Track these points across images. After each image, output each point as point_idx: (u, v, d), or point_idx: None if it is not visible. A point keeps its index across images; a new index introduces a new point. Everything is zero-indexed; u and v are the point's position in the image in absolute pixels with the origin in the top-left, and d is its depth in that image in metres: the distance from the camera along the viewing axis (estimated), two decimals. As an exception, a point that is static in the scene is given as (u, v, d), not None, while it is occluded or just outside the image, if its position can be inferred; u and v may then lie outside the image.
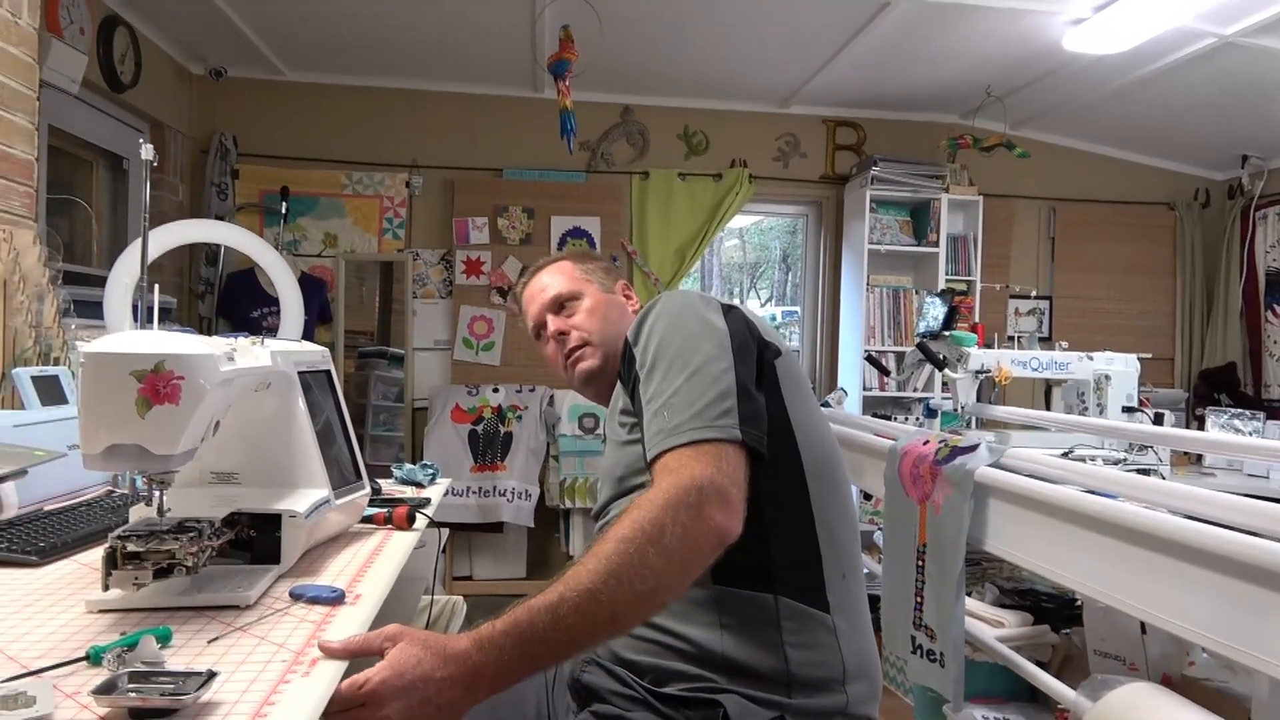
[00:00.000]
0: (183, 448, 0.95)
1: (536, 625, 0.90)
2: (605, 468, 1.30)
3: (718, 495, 0.99)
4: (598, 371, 1.42)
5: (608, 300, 1.47)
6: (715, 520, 0.98)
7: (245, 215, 4.13)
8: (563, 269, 1.50)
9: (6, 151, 2.01)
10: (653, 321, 1.19)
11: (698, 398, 1.07)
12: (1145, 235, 4.78)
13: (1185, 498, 1.55)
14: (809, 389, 1.26)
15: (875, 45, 3.57)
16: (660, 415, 1.08)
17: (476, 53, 3.86)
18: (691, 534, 0.96)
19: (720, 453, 1.03)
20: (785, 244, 10.14)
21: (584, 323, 1.44)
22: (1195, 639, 1.43)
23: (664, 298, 1.24)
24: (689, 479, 0.99)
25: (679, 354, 1.12)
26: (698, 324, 1.16)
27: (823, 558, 1.15)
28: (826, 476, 1.19)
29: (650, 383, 1.13)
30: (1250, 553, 1.23)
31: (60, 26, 2.88)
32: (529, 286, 1.52)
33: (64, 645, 0.88)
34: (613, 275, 1.53)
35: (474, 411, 4.20)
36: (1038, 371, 2.88)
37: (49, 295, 2.07)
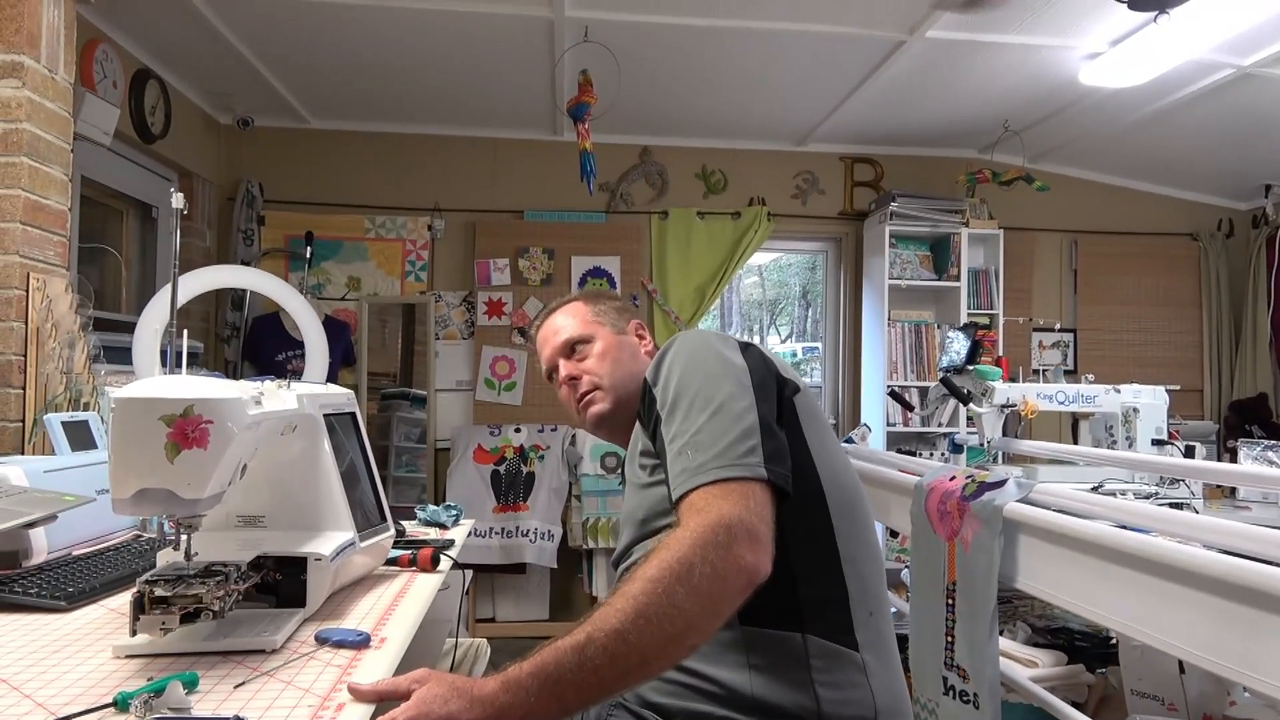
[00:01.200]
0: (211, 491, 0.96)
1: (564, 667, 0.89)
2: (627, 511, 1.29)
3: (747, 534, 0.98)
4: (609, 415, 1.42)
5: (619, 343, 1.47)
6: (745, 559, 0.96)
7: (270, 260, 4.19)
8: (575, 310, 1.50)
9: (42, 203, 2.06)
10: (671, 361, 1.19)
11: (721, 436, 1.07)
12: (1169, 266, 4.75)
13: (1221, 532, 1.52)
14: (828, 425, 1.25)
15: (891, 83, 3.59)
16: (684, 454, 1.08)
17: (497, 98, 3.93)
18: (721, 573, 0.95)
19: (747, 491, 1.02)
20: (804, 280, 10.16)
21: (595, 367, 1.44)
22: (1236, 678, 1.39)
23: (681, 337, 1.24)
24: (717, 517, 0.98)
25: (700, 392, 1.12)
26: (716, 362, 1.16)
27: (850, 595, 1.14)
28: (851, 513, 1.18)
29: (672, 422, 1.13)
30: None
31: (94, 80, 2.96)
32: (542, 329, 1.53)
33: (92, 691, 0.89)
34: (625, 316, 1.53)
35: (496, 452, 4.20)
36: (1064, 405, 2.85)
37: (80, 342, 2.10)
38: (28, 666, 0.95)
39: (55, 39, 2.10)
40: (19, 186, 1.98)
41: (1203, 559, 1.41)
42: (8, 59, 1.98)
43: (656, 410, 1.17)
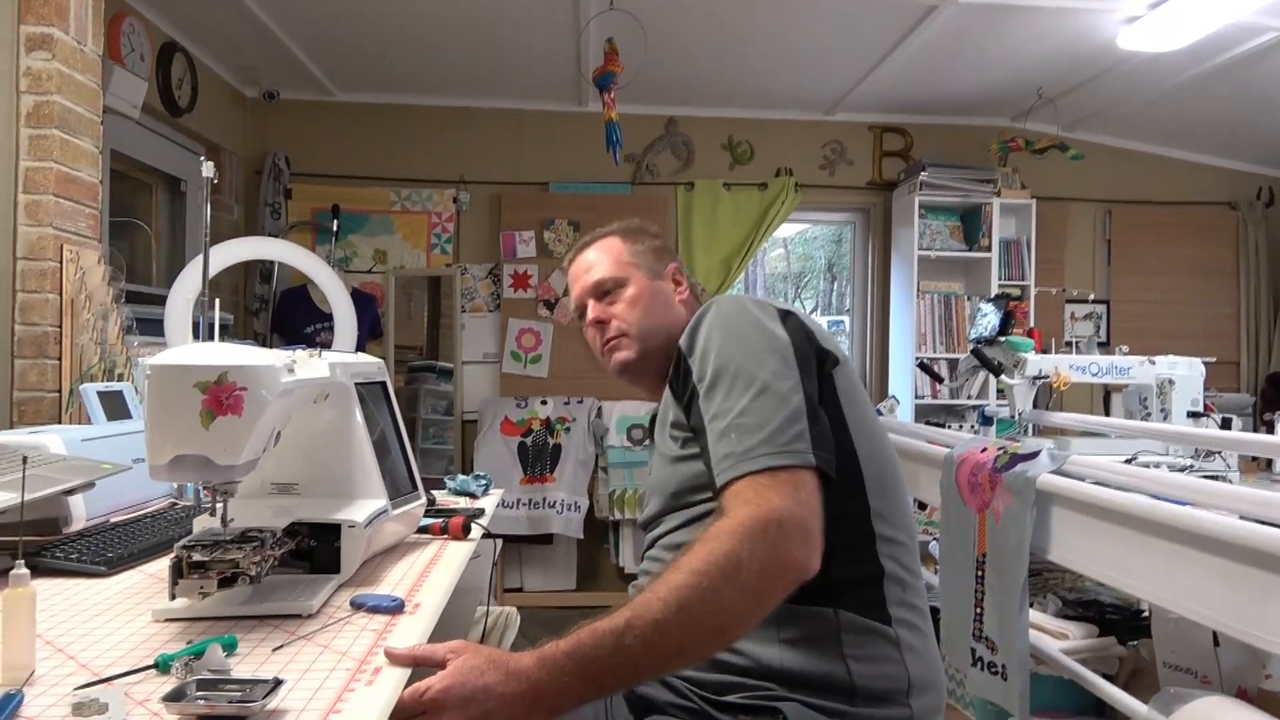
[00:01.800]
0: (245, 458, 0.96)
1: (601, 650, 0.89)
2: (656, 481, 1.25)
3: (799, 529, 0.95)
4: (633, 364, 1.36)
5: (652, 290, 1.39)
6: (795, 556, 0.94)
7: (298, 233, 4.21)
8: (611, 248, 1.42)
9: (74, 175, 2.07)
10: (708, 331, 1.14)
11: (768, 419, 1.02)
12: (1206, 236, 4.65)
13: (1261, 503, 1.49)
14: (867, 398, 1.21)
15: (922, 49, 3.52)
16: (727, 437, 1.04)
17: (522, 68, 3.90)
18: (769, 570, 0.93)
19: (797, 480, 0.99)
20: (830, 253, 10.06)
21: (624, 313, 1.36)
22: (1274, 649, 1.38)
23: (716, 304, 1.19)
24: (767, 511, 0.95)
25: (742, 369, 1.07)
26: (757, 334, 1.11)
27: (884, 572, 1.11)
28: (887, 490, 1.15)
29: (712, 400, 1.08)
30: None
31: (121, 54, 2.97)
32: (575, 263, 1.45)
33: (133, 653, 0.90)
34: (664, 258, 1.44)
35: (523, 424, 4.22)
36: (1097, 376, 2.80)
37: (113, 313, 2.12)
38: (71, 629, 0.97)
39: (83, 10, 2.11)
40: (51, 159, 1.99)
41: (1240, 530, 1.39)
42: (38, 31, 1.99)
43: (693, 383, 1.12)
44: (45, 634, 0.94)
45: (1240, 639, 1.41)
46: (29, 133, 1.99)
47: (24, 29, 1.98)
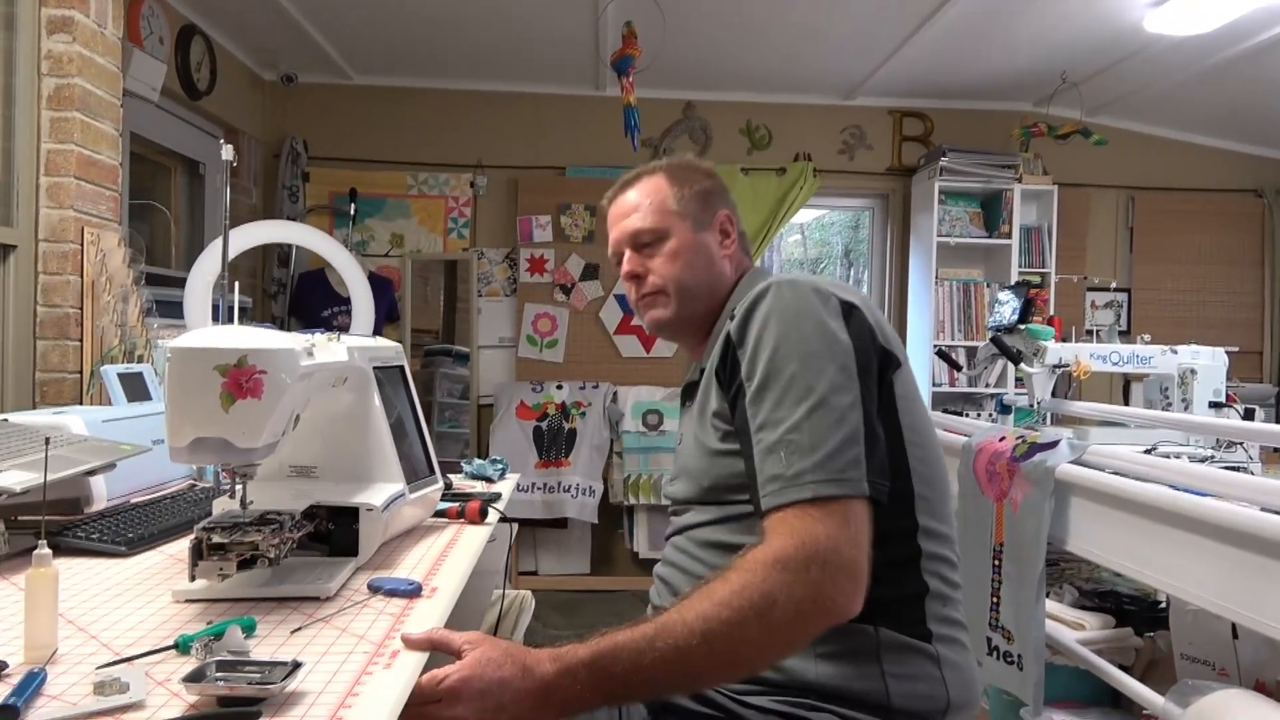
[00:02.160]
0: (265, 441, 0.96)
1: (619, 663, 0.88)
2: (690, 465, 1.17)
3: (845, 569, 0.89)
4: (669, 323, 1.27)
5: (695, 244, 1.26)
6: (836, 600, 0.89)
7: (315, 217, 4.22)
8: (655, 190, 1.28)
9: (95, 158, 2.08)
10: (762, 322, 1.04)
11: (822, 440, 0.94)
12: (1231, 223, 4.58)
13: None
14: (923, 403, 1.13)
15: (944, 33, 3.48)
16: (775, 455, 0.96)
17: (540, 52, 3.88)
18: (805, 611, 0.88)
19: (848, 513, 0.92)
20: (847, 239, 10.00)
21: (662, 268, 1.25)
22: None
23: (775, 291, 1.06)
24: (811, 547, 0.89)
25: (797, 376, 0.98)
26: (817, 336, 1.01)
27: (928, 590, 1.06)
28: (935, 504, 1.09)
29: (760, 405, 1.00)
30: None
31: (141, 36, 2.98)
32: (616, 203, 1.32)
33: (153, 634, 0.91)
34: (713, 205, 1.30)
35: (538, 408, 4.22)
36: (1118, 366, 2.77)
37: (133, 295, 2.14)
38: (92, 609, 0.98)
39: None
40: (72, 141, 2.00)
41: (1262, 522, 1.37)
42: (59, 13, 1.99)
43: (741, 380, 1.04)
44: (67, 613, 0.95)
45: (1260, 631, 1.40)
46: (50, 115, 1.99)
47: (45, 11, 1.99)
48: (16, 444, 1.26)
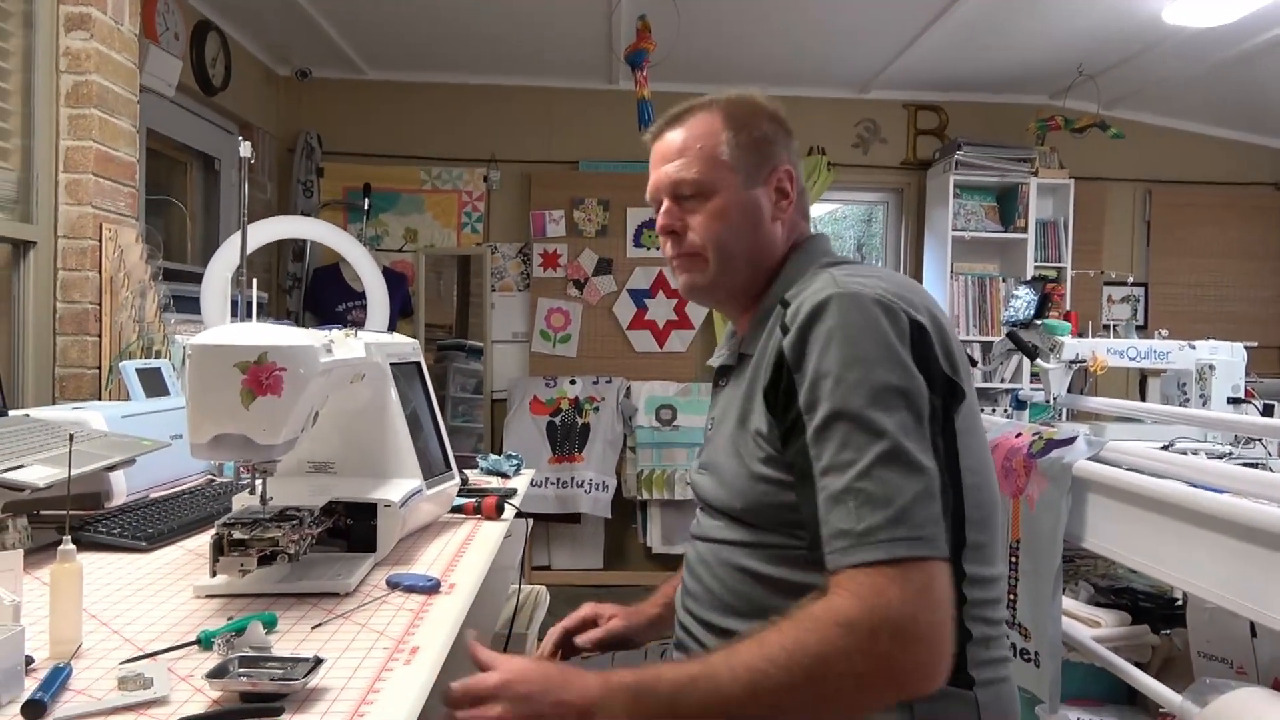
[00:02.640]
0: (285, 437, 0.97)
1: (659, 696, 0.85)
2: (720, 467, 1.08)
3: (924, 640, 0.81)
4: (704, 290, 1.15)
5: (743, 204, 1.11)
6: (912, 673, 0.81)
7: (329, 212, 4.24)
8: (707, 134, 1.12)
9: (112, 154, 2.09)
10: (823, 344, 0.92)
11: (896, 492, 0.85)
12: (1250, 217, 4.54)
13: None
14: (983, 431, 1.04)
15: (960, 25, 3.45)
16: (844, 506, 0.86)
17: (554, 46, 3.88)
18: (870, 684, 0.81)
19: (928, 577, 0.83)
20: (860, 233, 9.96)
21: (703, 228, 1.11)
22: (1318, 643, 1.35)
23: (837, 305, 0.94)
24: (881, 613, 0.80)
25: (864, 416, 0.88)
26: (886, 367, 0.90)
27: (971, 636, 0.98)
28: (987, 548, 1.01)
29: (824, 446, 0.89)
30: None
31: (157, 33, 2.99)
32: (661, 139, 1.16)
33: (175, 629, 0.92)
34: (771, 157, 1.13)
35: (552, 403, 4.23)
36: (1135, 361, 2.75)
37: (150, 291, 2.15)
38: (115, 603, 0.99)
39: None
40: (90, 138, 2.01)
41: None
42: (76, 10, 2.00)
43: (798, 411, 0.93)
44: (89, 608, 0.96)
45: (1277, 629, 1.39)
46: (69, 112, 2.01)
47: (63, 9, 2.00)
48: (39, 439, 1.27)
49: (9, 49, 1.96)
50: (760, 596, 1.01)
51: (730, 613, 1.04)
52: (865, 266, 1.07)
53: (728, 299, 1.16)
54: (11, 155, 1.96)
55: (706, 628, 1.07)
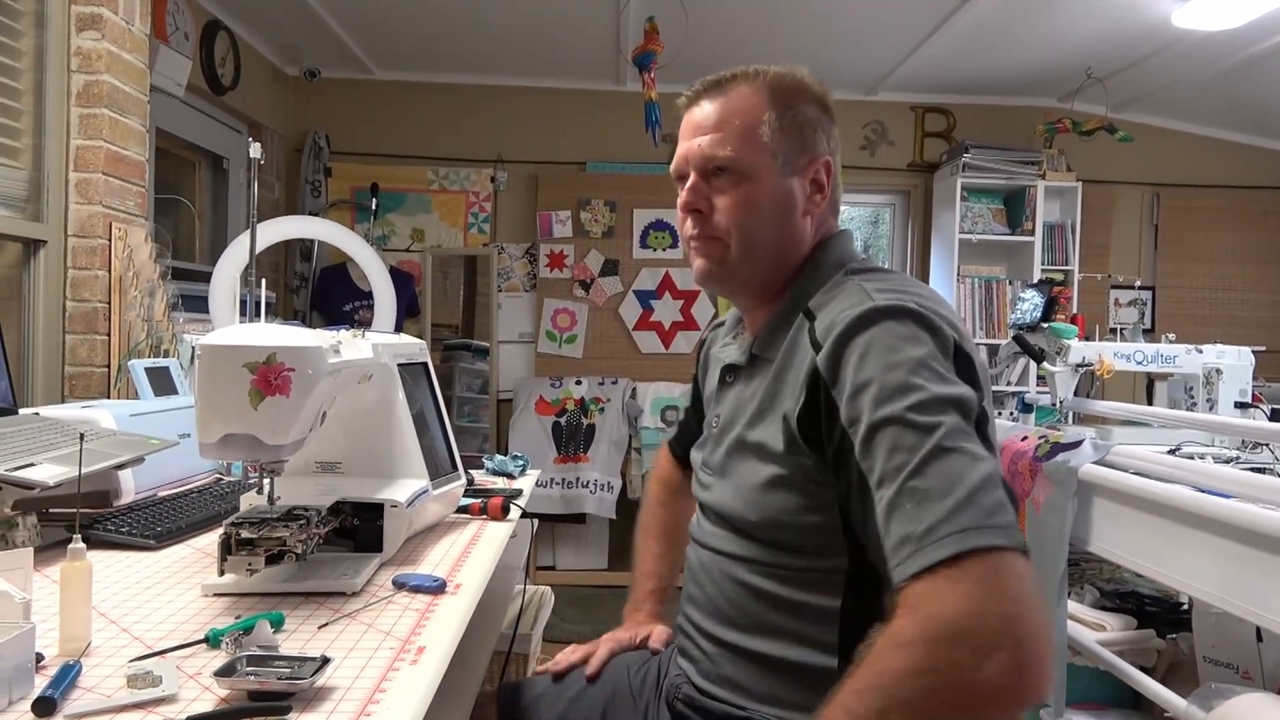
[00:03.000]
0: (293, 437, 0.98)
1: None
2: (733, 483, 1.03)
3: (1002, 644, 0.69)
4: (719, 278, 1.08)
5: (778, 193, 1.04)
6: (1005, 687, 0.69)
7: (337, 211, 4.25)
8: (749, 109, 1.04)
9: (122, 154, 2.10)
10: (861, 353, 0.87)
11: (956, 482, 0.76)
12: (1258, 221, 4.52)
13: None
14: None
15: (968, 28, 3.45)
16: (901, 511, 0.77)
17: (561, 47, 3.89)
18: (957, 705, 0.69)
19: (993, 568, 0.71)
20: (866, 234, 9.95)
21: (730, 212, 1.03)
22: (1324, 650, 1.35)
23: (871, 319, 0.89)
24: (940, 621, 0.70)
25: (910, 417, 0.80)
26: (928, 374, 0.84)
27: None
28: None
29: (874, 455, 0.82)
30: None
31: (167, 33, 3.00)
32: (697, 106, 1.07)
33: (183, 627, 0.92)
34: (812, 145, 1.06)
35: (557, 403, 4.24)
36: (1142, 365, 2.75)
37: (159, 290, 2.16)
38: (123, 601, 1.00)
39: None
40: (100, 138, 2.03)
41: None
42: (88, 11, 2.02)
43: (841, 426, 0.87)
44: (99, 605, 0.97)
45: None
46: (79, 111, 2.02)
47: (75, 9, 2.01)
48: (48, 438, 1.28)
49: (21, 49, 1.97)
50: (759, 612, 1.00)
51: (730, 625, 1.04)
52: (894, 276, 1.02)
53: (743, 290, 1.09)
54: (22, 154, 1.97)
55: (706, 637, 1.07)
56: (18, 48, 1.96)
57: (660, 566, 1.40)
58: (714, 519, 1.09)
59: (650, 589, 1.38)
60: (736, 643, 1.02)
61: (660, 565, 1.40)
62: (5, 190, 1.92)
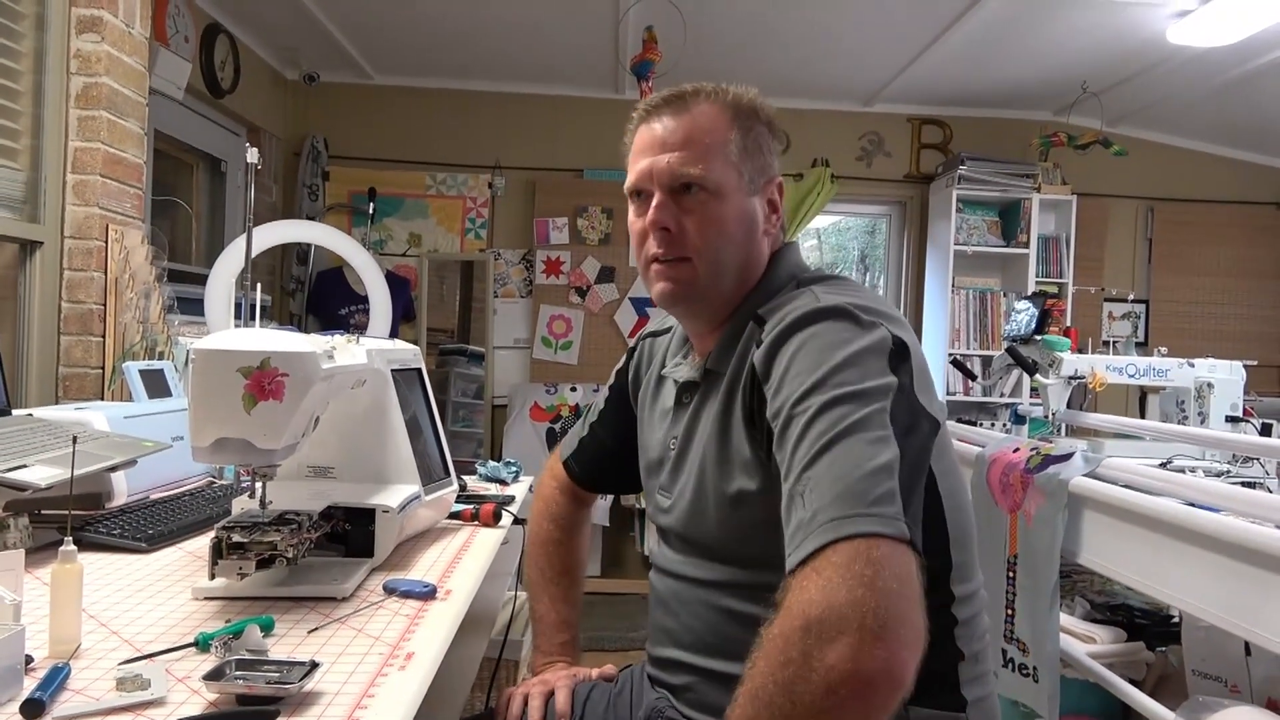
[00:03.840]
0: (286, 442, 0.98)
1: None
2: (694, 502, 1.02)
3: (850, 629, 0.66)
4: (688, 298, 1.04)
5: (743, 211, 1.03)
6: (852, 674, 0.66)
7: (334, 215, 4.26)
8: (715, 127, 1.02)
9: (120, 156, 2.11)
10: (793, 352, 0.88)
11: (844, 474, 0.75)
12: (1252, 236, 4.55)
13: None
14: (953, 449, 1.01)
15: (965, 41, 3.47)
16: (797, 501, 0.77)
17: (560, 55, 3.90)
18: (817, 698, 0.67)
19: (856, 553, 0.70)
20: (863, 244, 9.98)
21: (700, 233, 1.01)
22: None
23: (811, 318, 0.90)
24: (800, 612, 0.69)
25: (825, 410, 0.81)
26: (856, 370, 0.84)
27: (963, 656, 0.95)
28: (969, 570, 0.98)
29: (786, 445, 0.82)
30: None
31: (167, 35, 3.01)
32: (658, 121, 1.04)
33: (173, 630, 0.92)
34: (768, 166, 1.06)
35: (552, 410, 4.24)
36: (1134, 378, 2.76)
37: (155, 292, 2.16)
38: (114, 604, 1.00)
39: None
40: (99, 140, 2.03)
41: (1276, 539, 1.37)
42: (88, 13, 2.02)
43: (769, 422, 0.88)
44: (89, 608, 0.97)
45: (1272, 649, 1.39)
46: (78, 114, 2.02)
47: (75, 11, 2.01)
48: (41, 439, 1.28)
49: (21, 50, 1.97)
50: (748, 638, 0.84)
51: (717, 654, 1.00)
52: (845, 282, 1.02)
53: (707, 312, 1.06)
54: (20, 156, 1.98)
55: (689, 670, 1.04)
56: (18, 49, 1.97)
57: (570, 614, 1.29)
58: (679, 544, 1.07)
59: (563, 640, 1.27)
60: (728, 671, 0.95)
61: (570, 612, 1.29)
62: (3, 191, 1.92)
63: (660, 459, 1.13)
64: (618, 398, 1.30)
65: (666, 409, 1.13)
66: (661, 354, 1.21)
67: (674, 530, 1.08)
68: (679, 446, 1.08)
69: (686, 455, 1.06)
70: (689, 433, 1.07)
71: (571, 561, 1.34)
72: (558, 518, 1.35)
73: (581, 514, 1.37)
